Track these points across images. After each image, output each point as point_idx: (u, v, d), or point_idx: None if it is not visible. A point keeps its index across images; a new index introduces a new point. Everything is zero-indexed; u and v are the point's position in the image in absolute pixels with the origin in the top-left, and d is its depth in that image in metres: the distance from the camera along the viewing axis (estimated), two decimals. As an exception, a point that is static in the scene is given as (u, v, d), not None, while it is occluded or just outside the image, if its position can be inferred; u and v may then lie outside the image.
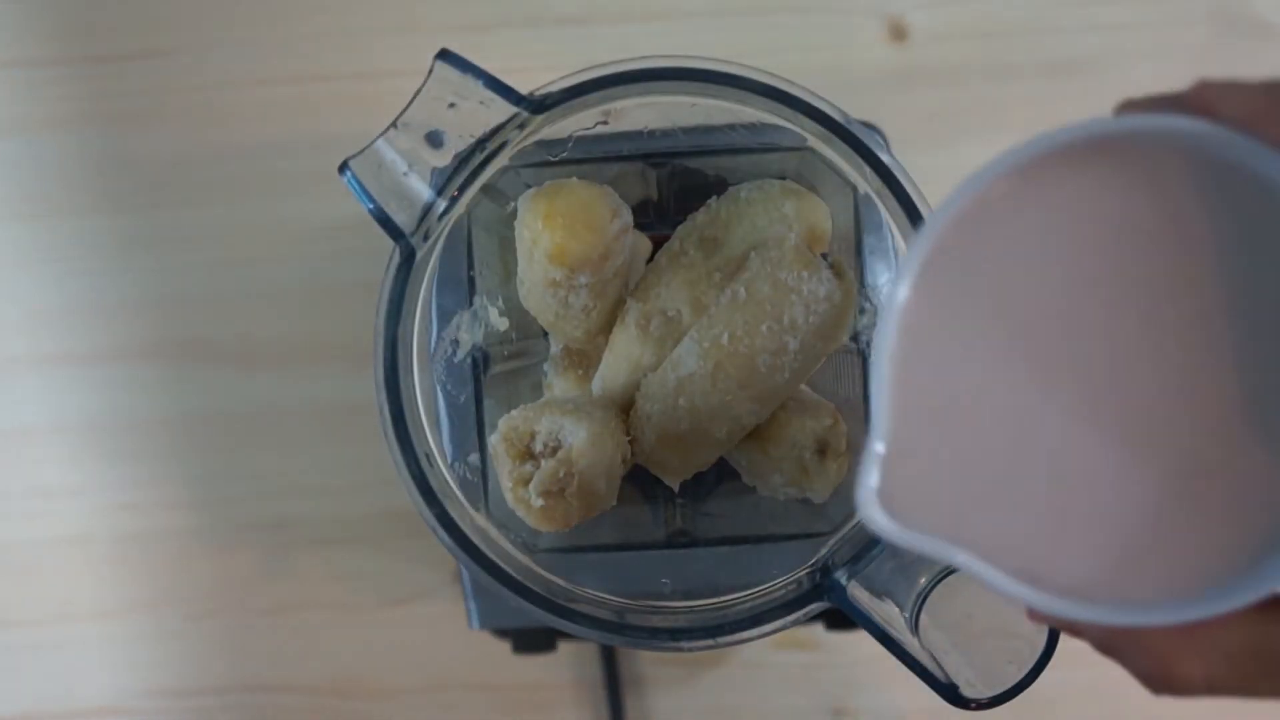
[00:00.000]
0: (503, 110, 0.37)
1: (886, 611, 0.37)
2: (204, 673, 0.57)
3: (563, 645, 0.54)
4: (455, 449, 0.42)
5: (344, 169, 0.36)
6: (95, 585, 0.57)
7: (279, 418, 0.57)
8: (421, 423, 0.39)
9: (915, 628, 0.36)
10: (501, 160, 0.38)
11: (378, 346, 0.38)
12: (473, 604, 0.49)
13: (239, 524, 0.57)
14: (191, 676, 0.57)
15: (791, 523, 0.43)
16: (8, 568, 0.57)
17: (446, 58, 0.36)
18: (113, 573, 0.57)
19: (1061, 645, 0.35)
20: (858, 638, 0.56)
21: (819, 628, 0.56)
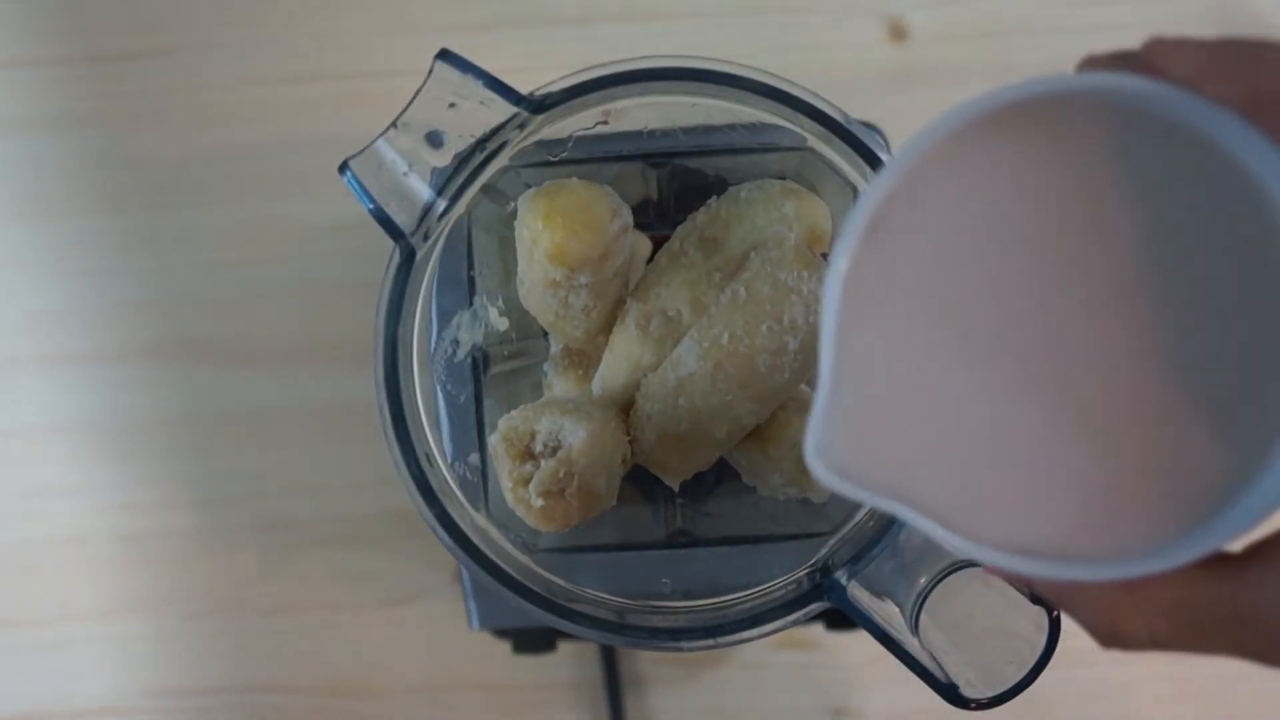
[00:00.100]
0: (503, 110, 0.37)
1: (886, 611, 0.36)
2: (204, 673, 0.57)
3: (563, 645, 0.54)
4: (455, 449, 0.42)
5: (344, 169, 0.36)
6: (95, 585, 0.57)
7: (279, 418, 0.57)
8: (421, 423, 0.39)
9: (915, 628, 0.36)
10: (501, 160, 0.38)
11: (378, 346, 0.38)
12: (473, 604, 0.49)
13: (239, 524, 0.57)
14: (191, 676, 0.57)
15: (791, 523, 0.43)
16: (8, 568, 0.57)
17: (446, 58, 0.36)
18: (113, 573, 0.57)
19: (1061, 645, 0.35)
20: (858, 638, 0.56)
21: (819, 628, 0.56)
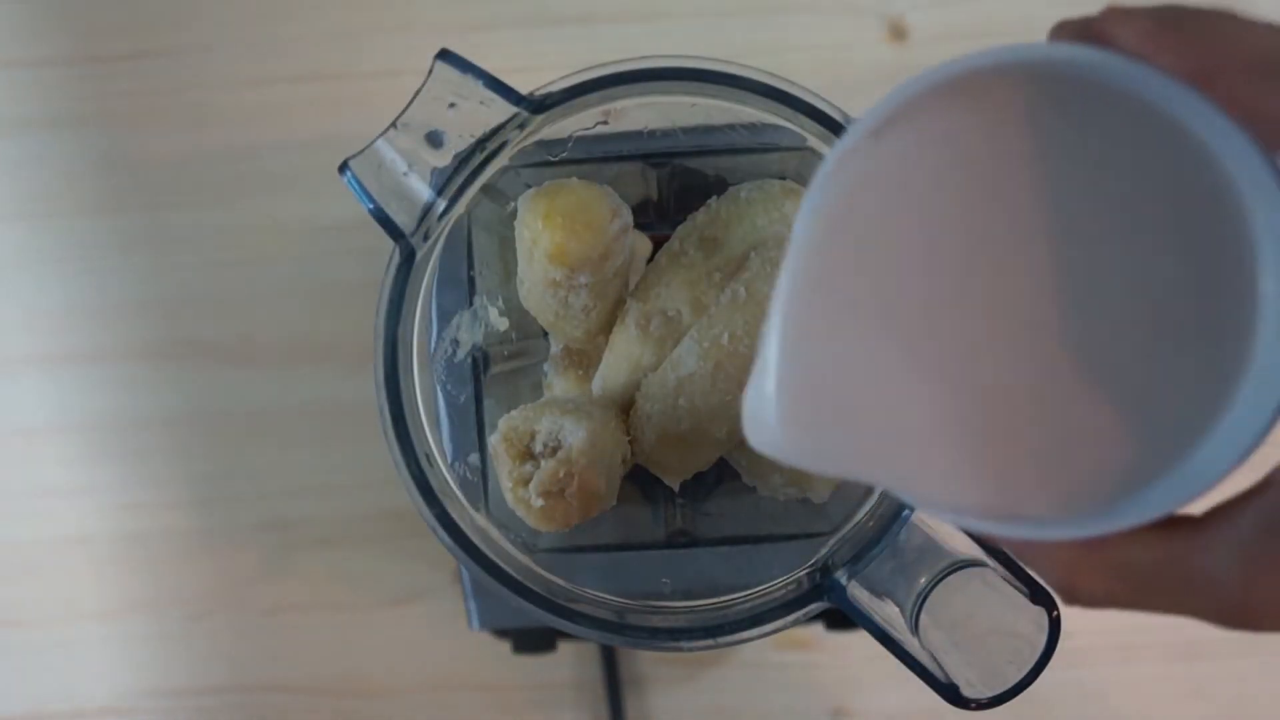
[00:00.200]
0: (503, 110, 0.37)
1: (886, 611, 0.36)
2: (204, 673, 0.57)
3: (563, 645, 0.54)
4: (455, 449, 0.42)
5: (344, 169, 0.36)
6: (96, 585, 0.57)
7: (279, 418, 0.57)
8: (421, 423, 0.39)
9: (915, 628, 0.36)
10: (501, 160, 0.38)
11: (378, 346, 0.38)
12: (473, 604, 0.49)
13: (239, 524, 0.57)
14: (192, 676, 0.57)
15: (791, 523, 0.43)
16: (9, 568, 0.57)
17: (446, 58, 0.36)
18: (114, 572, 0.57)
19: (1061, 645, 0.35)
20: (858, 638, 0.56)
21: (819, 628, 0.56)
